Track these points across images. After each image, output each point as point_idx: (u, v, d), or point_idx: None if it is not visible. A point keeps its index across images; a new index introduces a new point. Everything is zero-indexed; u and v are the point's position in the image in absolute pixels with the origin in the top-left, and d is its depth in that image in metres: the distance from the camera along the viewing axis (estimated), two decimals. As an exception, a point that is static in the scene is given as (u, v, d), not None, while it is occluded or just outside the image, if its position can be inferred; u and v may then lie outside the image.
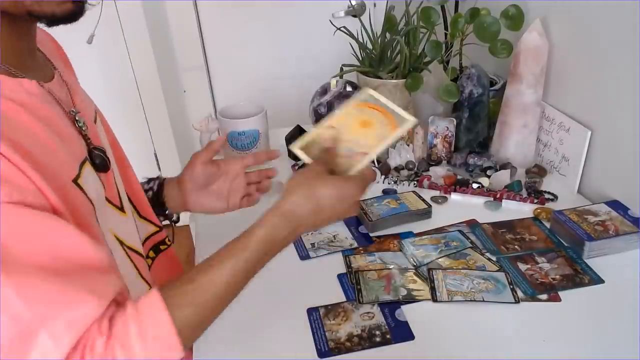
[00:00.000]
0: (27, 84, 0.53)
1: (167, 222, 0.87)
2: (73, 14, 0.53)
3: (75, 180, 0.54)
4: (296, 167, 1.14)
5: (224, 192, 0.85)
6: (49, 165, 0.49)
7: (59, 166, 0.52)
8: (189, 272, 0.56)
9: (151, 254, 0.80)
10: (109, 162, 0.64)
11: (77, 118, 0.60)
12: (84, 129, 0.61)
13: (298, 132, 1.21)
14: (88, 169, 0.59)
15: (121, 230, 0.66)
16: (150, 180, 0.86)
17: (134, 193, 0.75)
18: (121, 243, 0.66)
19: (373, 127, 0.70)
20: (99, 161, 0.61)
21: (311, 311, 0.74)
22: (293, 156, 1.19)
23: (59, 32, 0.64)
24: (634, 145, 0.86)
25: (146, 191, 0.83)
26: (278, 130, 1.26)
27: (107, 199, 0.64)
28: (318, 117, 1.17)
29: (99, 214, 0.60)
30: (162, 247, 0.82)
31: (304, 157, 0.68)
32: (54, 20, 0.53)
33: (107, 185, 0.65)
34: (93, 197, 0.58)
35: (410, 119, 0.68)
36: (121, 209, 0.68)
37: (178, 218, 0.89)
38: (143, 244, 0.75)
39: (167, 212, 0.85)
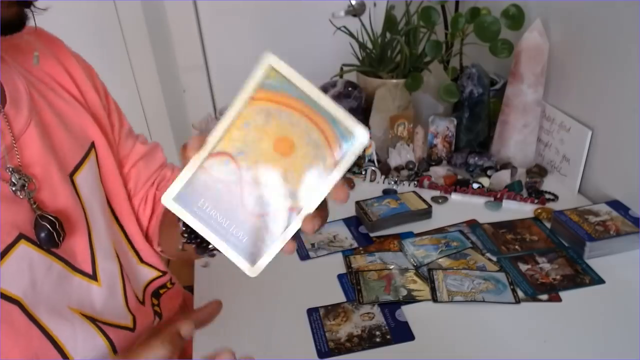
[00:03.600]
0: None
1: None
2: (21, 19, 0.47)
3: None
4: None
5: None
6: None
7: None
8: None
9: (154, 301, 0.72)
10: (61, 236, 0.52)
11: (13, 180, 0.50)
12: (21, 194, 0.50)
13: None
14: (21, 249, 0.50)
15: (90, 304, 0.58)
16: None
17: (134, 238, 0.67)
18: (93, 320, 0.58)
19: (297, 153, 0.39)
20: (43, 235, 0.51)
21: (311, 311, 0.74)
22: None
23: (56, 33, 0.64)
24: (634, 145, 0.86)
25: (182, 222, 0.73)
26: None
27: (74, 268, 0.57)
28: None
29: (38, 301, 0.52)
30: (161, 291, 0.73)
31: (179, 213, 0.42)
32: (5, 28, 0.46)
33: (77, 252, 0.57)
34: (19, 291, 0.49)
35: (360, 132, 0.38)
36: (93, 277, 0.59)
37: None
38: (144, 290, 0.69)
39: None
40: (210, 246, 0.52)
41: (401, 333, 0.69)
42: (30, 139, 0.53)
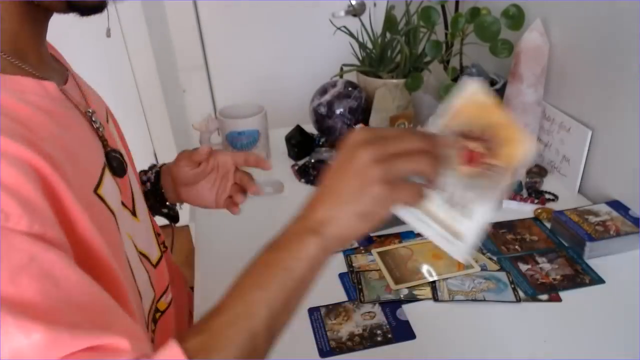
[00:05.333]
0: (50, 87, 0.50)
1: (167, 218, 0.85)
2: (104, 5, 0.54)
3: (95, 191, 0.52)
4: (295, 167, 1.14)
5: (213, 187, 0.81)
6: (75, 178, 0.46)
7: (82, 178, 0.49)
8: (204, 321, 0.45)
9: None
10: (126, 165, 0.61)
11: (93, 119, 0.57)
12: (100, 130, 0.58)
13: (298, 132, 1.21)
14: (107, 175, 0.56)
15: (134, 235, 0.64)
16: (146, 171, 0.83)
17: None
18: (135, 247, 0.64)
19: (442, 261, 0.80)
20: (116, 164, 0.59)
21: (312, 311, 0.74)
22: (293, 155, 1.19)
23: (56, 32, 0.64)
24: (634, 145, 0.86)
25: (143, 183, 0.82)
26: (278, 130, 1.26)
27: (122, 203, 0.62)
28: (318, 117, 1.17)
29: (119, 221, 0.57)
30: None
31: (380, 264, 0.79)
32: (91, 10, 0.53)
33: (123, 189, 0.63)
34: (113, 206, 0.55)
35: (476, 267, 0.79)
36: (134, 213, 0.65)
37: (177, 215, 0.87)
38: None
39: (167, 203, 0.83)
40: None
41: (402, 332, 0.69)
42: (87, 89, 0.63)
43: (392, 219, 0.46)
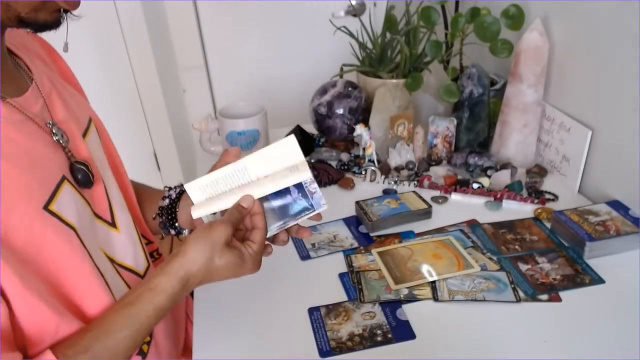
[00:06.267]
0: None
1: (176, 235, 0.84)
2: (59, 22, 0.56)
3: (46, 207, 0.53)
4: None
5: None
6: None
7: (14, 199, 0.51)
8: (84, 336, 0.53)
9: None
10: (92, 177, 0.61)
11: (54, 131, 0.58)
12: (62, 142, 0.59)
13: (298, 132, 1.21)
14: (66, 188, 0.57)
15: (111, 247, 0.65)
16: (173, 187, 0.82)
17: (128, 205, 0.73)
18: (111, 261, 0.64)
19: (442, 261, 0.80)
20: (80, 176, 0.59)
21: (312, 311, 0.74)
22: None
23: (54, 34, 0.64)
24: (634, 145, 0.86)
25: (163, 198, 0.81)
26: (278, 130, 1.26)
27: (96, 214, 0.63)
28: (318, 117, 1.17)
29: (84, 234, 0.58)
30: (154, 255, 0.84)
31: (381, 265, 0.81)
32: (43, 27, 0.54)
33: (96, 200, 0.63)
34: (72, 220, 0.56)
35: (476, 267, 0.78)
36: (112, 224, 0.66)
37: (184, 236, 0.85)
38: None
39: (176, 224, 0.81)
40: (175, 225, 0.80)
41: (402, 332, 0.69)
42: (55, 101, 0.63)
43: (390, 221, 0.47)
